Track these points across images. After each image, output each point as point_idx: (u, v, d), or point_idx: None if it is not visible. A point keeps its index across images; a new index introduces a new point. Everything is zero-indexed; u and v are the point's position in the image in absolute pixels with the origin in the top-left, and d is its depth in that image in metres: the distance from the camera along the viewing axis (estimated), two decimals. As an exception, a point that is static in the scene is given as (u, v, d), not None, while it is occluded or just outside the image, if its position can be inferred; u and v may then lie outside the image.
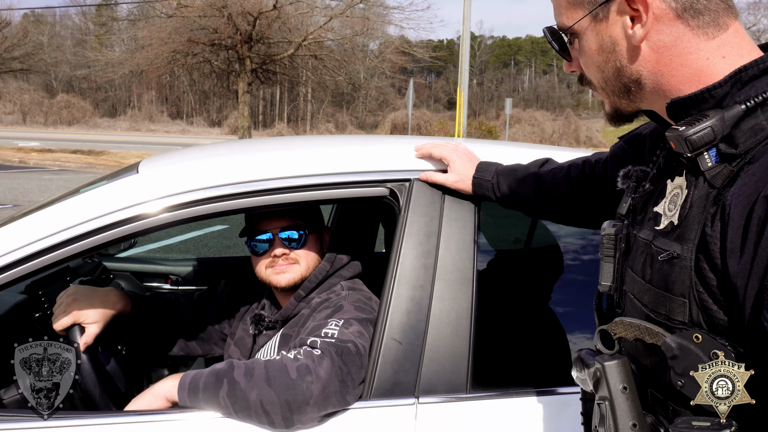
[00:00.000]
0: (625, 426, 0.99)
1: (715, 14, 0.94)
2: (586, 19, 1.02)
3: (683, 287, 0.91)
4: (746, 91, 0.91)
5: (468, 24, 21.38)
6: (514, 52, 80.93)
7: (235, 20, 19.07)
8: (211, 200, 1.64)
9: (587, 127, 46.08)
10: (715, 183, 0.89)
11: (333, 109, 59.04)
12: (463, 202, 1.73)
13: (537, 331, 1.90)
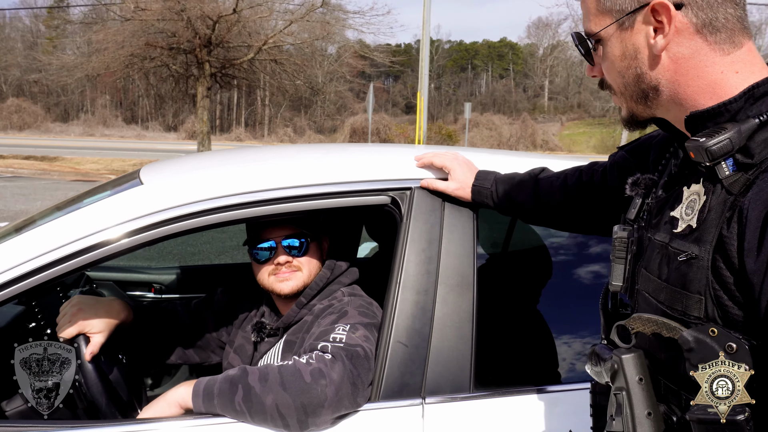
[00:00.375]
0: (641, 414, 1.07)
1: (731, 32, 1.03)
2: (613, 26, 1.10)
3: (700, 285, 0.98)
4: (758, 106, 0.99)
5: (428, 29, 21.56)
6: (471, 56, 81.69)
7: (194, 24, 18.86)
8: (219, 210, 1.67)
9: (543, 131, 46.86)
10: (732, 190, 0.97)
11: (291, 114, 58.84)
12: (462, 210, 1.80)
13: (532, 332, 1.97)
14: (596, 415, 1.32)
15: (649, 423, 1.07)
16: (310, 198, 1.74)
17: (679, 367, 1.03)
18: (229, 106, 59.77)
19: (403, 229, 1.75)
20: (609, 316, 1.31)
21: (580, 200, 1.64)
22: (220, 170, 1.87)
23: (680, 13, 1.03)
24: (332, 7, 21.78)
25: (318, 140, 47.50)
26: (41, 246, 1.57)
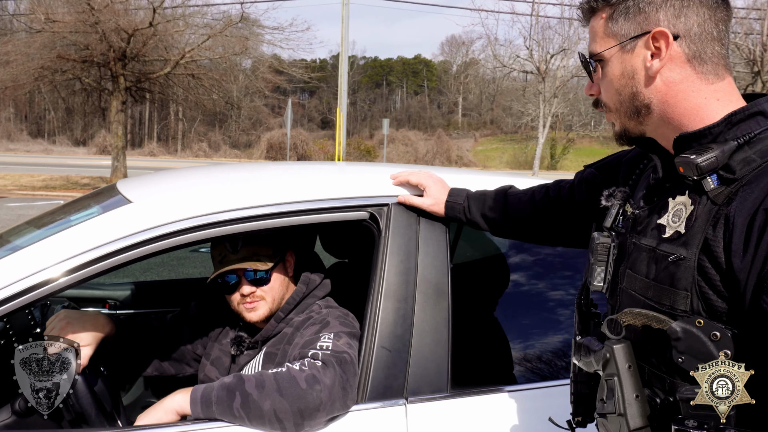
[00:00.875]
0: (630, 397, 1.23)
1: (716, 66, 1.23)
2: (616, 48, 1.28)
3: (687, 282, 1.16)
4: (734, 131, 1.18)
5: (346, 45, 21.81)
6: (386, 72, 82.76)
7: (108, 37, 18.42)
8: (209, 226, 1.76)
9: (458, 147, 47.89)
10: (717, 201, 1.15)
11: (205, 128, 57.92)
12: (436, 224, 1.95)
13: (501, 335, 2.14)
14: (577, 402, 1.49)
15: (637, 404, 1.23)
16: (294, 214, 1.85)
17: (665, 355, 1.20)
18: (140, 120, 58.32)
19: (382, 243, 1.89)
20: (583, 313, 1.49)
21: (548, 214, 1.82)
22: (208, 187, 1.96)
23: (676, 42, 1.21)
24: (251, 22, 21.70)
25: (234, 155, 46.99)
26: (41, 262, 1.62)
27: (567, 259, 2.20)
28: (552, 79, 24.42)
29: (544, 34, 24.79)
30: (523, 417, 1.82)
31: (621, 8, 1.26)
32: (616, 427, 1.26)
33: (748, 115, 1.19)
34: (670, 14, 1.21)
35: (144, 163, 33.48)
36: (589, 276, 1.39)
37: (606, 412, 1.28)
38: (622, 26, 1.26)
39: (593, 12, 1.33)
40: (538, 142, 25.19)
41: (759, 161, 1.13)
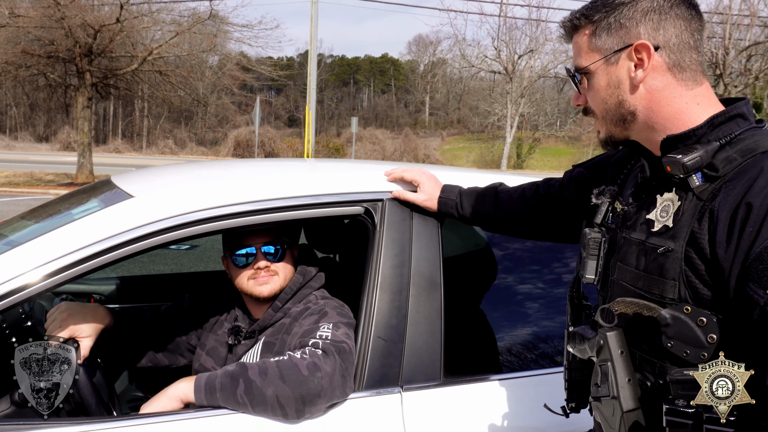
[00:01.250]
0: (623, 381, 1.32)
1: (695, 72, 1.33)
2: (601, 61, 1.37)
3: (674, 273, 1.25)
4: (716, 132, 1.28)
5: (315, 44, 21.80)
6: (353, 71, 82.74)
7: (74, 33, 18.14)
8: (213, 219, 1.81)
9: (425, 146, 48.04)
10: (702, 197, 1.24)
11: (171, 125, 57.31)
12: (429, 219, 2.03)
13: (492, 325, 2.22)
14: (571, 388, 1.57)
15: (629, 387, 1.32)
16: (293, 209, 1.92)
17: (655, 340, 1.29)
18: (105, 116, 57.47)
19: (377, 237, 1.96)
20: (575, 305, 1.58)
21: (537, 211, 1.91)
22: (209, 182, 2.01)
23: (657, 53, 1.31)
24: (220, 19, 21.55)
25: (201, 153, 46.56)
26: (47, 255, 1.66)
27: (555, 252, 2.29)
28: (519, 79, 24.69)
29: (511, 34, 25.08)
30: (513, 404, 1.91)
31: (603, 24, 1.35)
32: (610, 409, 1.35)
33: (728, 118, 1.29)
34: (649, 27, 1.31)
35: (109, 160, 33.03)
36: (581, 269, 1.48)
37: (600, 396, 1.36)
38: (605, 41, 1.35)
39: (576, 29, 1.42)
40: (506, 141, 25.46)
41: (740, 159, 1.22)
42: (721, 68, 19.24)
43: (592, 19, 1.37)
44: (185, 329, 2.29)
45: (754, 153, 1.21)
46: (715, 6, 22.67)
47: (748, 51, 19.74)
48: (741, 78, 19.88)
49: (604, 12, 1.35)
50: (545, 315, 2.23)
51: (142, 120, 57.24)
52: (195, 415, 1.71)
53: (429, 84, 66.17)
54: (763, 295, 1.11)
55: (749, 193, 1.16)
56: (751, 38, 20.61)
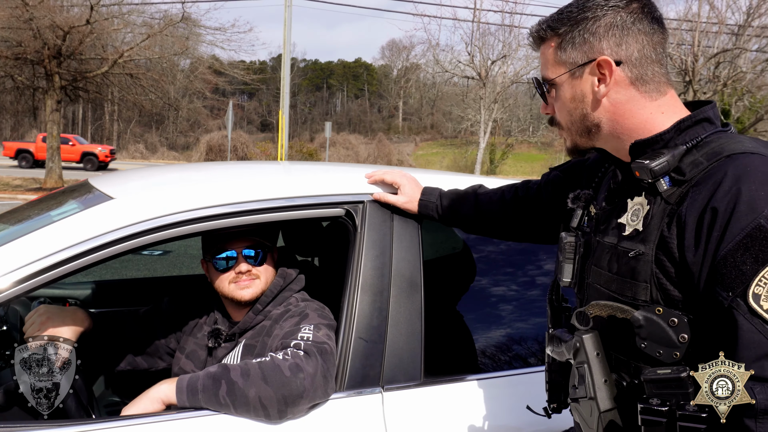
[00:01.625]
0: (599, 381, 1.34)
1: (658, 84, 1.35)
2: (566, 75, 1.39)
3: (646, 275, 1.27)
4: (683, 136, 1.31)
5: (289, 47, 21.76)
6: (326, 75, 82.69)
7: (43, 34, 17.86)
8: (194, 221, 1.80)
9: (398, 151, 48.20)
10: (670, 200, 1.26)
11: (142, 129, 56.79)
12: (409, 221, 2.03)
13: (471, 326, 2.23)
14: (552, 389, 1.59)
15: (606, 388, 1.34)
16: (277, 210, 1.91)
17: (629, 342, 1.30)
18: (74, 120, 56.73)
19: (358, 239, 1.96)
20: (555, 308, 1.60)
21: (516, 212, 1.93)
22: (192, 184, 1.99)
23: (619, 68, 1.33)
24: (192, 22, 21.40)
25: (172, 157, 46.17)
26: (27, 257, 1.63)
27: (530, 255, 2.31)
28: (492, 85, 24.88)
29: (485, 40, 25.27)
30: (493, 403, 1.92)
31: (568, 38, 1.37)
32: (588, 409, 1.37)
33: (695, 122, 1.32)
34: (612, 43, 1.33)
35: (78, 164, 32.59)
36: (558, 273, 1.51)
37: (578, 397, 1.38)
38: (570, 54, 1.38)
39: (543, 40, 1.44)
40: (479, 146, 25.62)
41: (706, 163, 1.24)
42: (690, 75, 19.56)
43: (557, 31, 1.39)
44: (164, 332, 2.27)
45: (719, 156, 1.23)
46: (684, 14, 23.08)
47: (716, 58, 20.09)
48: (710, 85, 20.23)
49: (569, 26, 1.37)
50: (521, 316, 2.25)
51: (112, 124, 56.64)
52: (177, 417, 1.69)
53: (402, 89, 66.42)
54: (727, 297, 1.14)
55: (714, 198, 1.17)
56: (719, 46, 20.99)
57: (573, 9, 1.37)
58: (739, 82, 20.04)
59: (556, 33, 1.39)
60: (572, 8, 1.37)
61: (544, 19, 1.44)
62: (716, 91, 20.02)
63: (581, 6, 1.36)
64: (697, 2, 20.76)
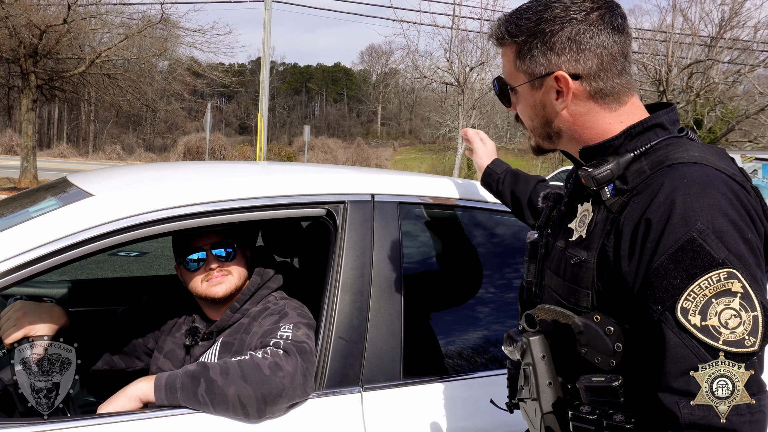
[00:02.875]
0: (543, 384, 1.36)
1: (618, 95, 1.34)
2: (526, 84, 1.39)
3: (587, 282, 1.28)
4: (633, 143, 1.31)
5: (268, 51, 21.67)
6: (305, 79, 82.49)
7: (18, 33, 17.64)
8: (173, 219, 1.80)
9: (377, 155, 48.18)
10: (612, 209, 1.27)
11: (119, 131, 56.21)
12: (390, 222, 2.06)
13: (449, 328, 2.26)
14: (512, 386, 1.61)
15: (549, 390, 1.36)
16: (257, 209, 1.92)
17: (572, 346, 1.31)
18: (49, 120, 56.04)
19: (338, 239, 1.97)
20: (524, 306, 1.61)
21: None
22: (172, 182, 2.00)
23: (577, 82, 1.32)
24: (171, 23, 21.24)
25: (149, 159, 45.73)
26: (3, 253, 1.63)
27: (508, 257, 2.34)
28: (470, 91, 25.00)
29: (463, 47, 25.39)
30: (469, 404, 1.95)
31: (525, 49, 1.35)
32: (533, 410, 1.39)
33: (646, 128, 1.31)
34: (570, 57, 1.31)
35: (54, 164, 32.16)
36: (524, 273, 1.53)
37: (524, 397, 1.40)
38: (528, 65, 1.36)
39: (501, 44, 1.42)
40: (457, 152, 25.72)
41: (648, 172, 1.23)
42: (664, 85, 19.80)
43: (516, 39, 1.36)
44: (142, 332, 2.27)
45: (661, 166, 1.21)
46: (659, 24, 23.38)
47: (689, 69, 20.36)
48: (683, 95, 20.50)
49: (527, 36, 1.34)
50: (499, 318, 2.28)
51: (88, 124, 56.02)
52: (154, 415, 1.70)
53: (381, 94, 66.45)
54: (657, 310, 1.14)
55: (649, 209, 1.17)
56: (692, 57, 21.28)
57: (531, 17, 1.34)
58: (711, 93, 20.32)
59: (514, 41, 1.36)
60: (530, 15, 1.34)
61: (503, 18, 1.41)
62: (689, 101, 20.29)
63: (539, 17, 1.32)
64: (671, 14, 21.04)
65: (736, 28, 20.63)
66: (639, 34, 21.61)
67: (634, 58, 19.91)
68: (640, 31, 22.03)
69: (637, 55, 20.25)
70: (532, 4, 1.36)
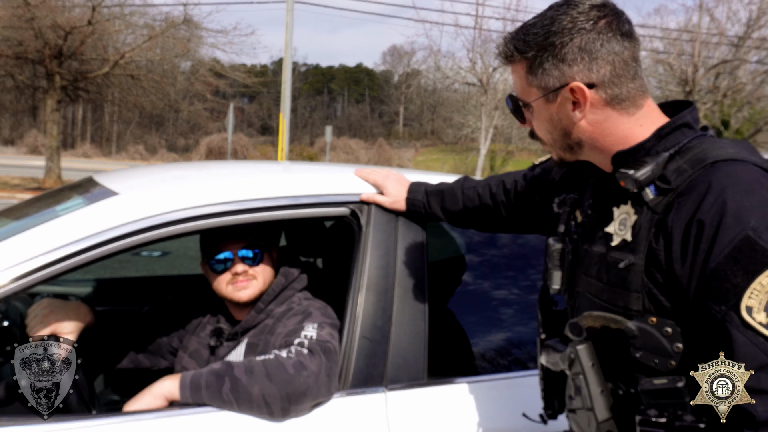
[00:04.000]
0: (596, 392, 1.34)
1: (633, 99, 1.33)
2: (540, 99, 1.37)
3: (637, 285, 1.26)
4: (664, 143, 1.30)
5: (290, 51, 21.76)
6: (327, 80, 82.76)
7: (44, 34, 17.86)
8: (199, 218, 1.80)
9: (399, 156, 48.20)
10: (656, 210, 1.26)
11: (142, 131, 56.71)
12: (414, 222, 2.04)
13: (474, 328, 2.23)
14: (547, 397, 1.59)
15: (602, 398, 1.34)
16: (281, 209, 1.91)
17: (624, 352, 1.29)
18: (73, 121, 56.68)
19: (363, 238, 1.96)
20: (546, 313, 1.60)
21: (501, 205, 1.93)
22: (196, 181, 2.00)
23: (593, 91, 1.31)
24: (194, 24, 21.40)
25: (172, 159, 46.12)
26: (30, 252, 1.63)
27: (532, 258, 2.31)
28: (493, 91, 24.92)
29: (486, 47, 25.30)
30: (495, 405, 1.92)
31: (536, 63, 1.34)
32: (586, 420, 1.37)
33: (674, 128, 1.31)
34: (582, 67, 1.30)
35: (78, 165, 32.55)
36: (548, 279, 1.51)
37: (575, 408, 1.38)
38: (541, 80, 1.35)
39: (510, 62, 1.41)
40: (480, 153, 25.64)
41: (690, 171, 1.23)
42: (690, 85, 19.61)
43: (525, 55, 1.35)
44: (167, 331, 2.27)
45: (703, 164, 1.22)
46: (685, 24, 23.14)
47: (716, 69, 20.16)
48: (709, 95, 20.29)
49: (536, 50, 1.33)
50: (523, 320, 2.25)
51: (111, 125, 56.57)
52: (179, 414, 1.69)
53: (403, 95, 66.43)
54: (720, 311, 1.13)
55: (700, 210, 1.17)
56: (719, 57, 21.06)
57: (539, 31, 1.33)
58: (738, 93, 20.11)
59: (524, 56, 1.35)
60: (537, 30, 1.33)
61: (510, 36, 1.40)
62: (716, 101, 20.08)
63: (547, 30, 1.31)
64: (698, 13, 20.82)
65: (765, 28, 20.36)
66: (665, 34, 21.42)
67: (660, 58, 19.71)
68: (665, 30, 21.82)
69: (662, 55, 20.06)
70: (537, 19, 1.35)
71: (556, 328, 1.57)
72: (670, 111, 1.38)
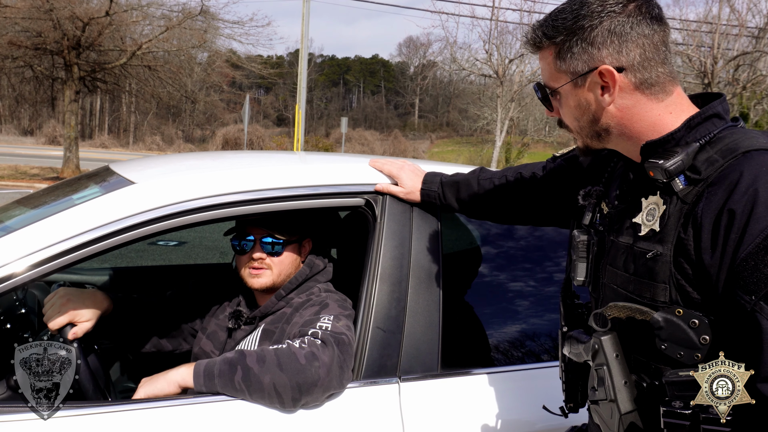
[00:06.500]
0: (619, 384, 1.33)
1: (663, 85, 1.32)
2: (568, 84, 1.36)
3: (665, 276, 1.25)
4: (694, 133, 1.29)
5: (306, 42, 21.75)
6: (343, 71, 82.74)
7: (62, 25, 17.98)
8: (214, 207, 1.81)
9: (414, 148, 48.15)
10: (686, 200, 1.24)
11: (158, 122, 56.99)
12: (429, 212, 2.03)
13: (488, 320, 2.23)
14: (568, 389, 1.58)
15: (626, 390, 1.32)
16: (297, 198, 1.91)
17: (649, 343, 1.29)
18: (91, 111, 57.04)
19: (377, 229, 1.96)
20: (568, 305, 1.59)
21: (517, 197, 1.92)
22: (212, 171, 2.00)
23: (622, 75, 1.30)
24: (210, 15, 21.45)
25: (189, 150, 46.35)
26: (48, 239, 1.64)
27: (548, 251, 2.30)
28: (509, 83, 24.79)
29: (502, 38, 25.19)
30: (509, 397, 1.91)
31: (566, 48, 1.33)
32: (608, 412, 1.35)
33: (704, 118, 1.29)
34: (612, 50, 1.29)
35: (96, 155, 32.78)
36: (572, 271, 1.50)
37: (598, 399, 1.37)
38: (570, 64, 1.34)
39: (539, 49, 1.40)
40: (495, 145, 25.55)
41: (721, 161, 1.22)
42: (709, 77, 19.41)
43: (554, 40, 1.34)
44: (189, 315, 2.31)
45: (734, 154, 1.21)
46: (704, 15, 22.88)
47: (736, 61, 19.93)
48: (729, 87, 20.07)
49: (565, 35, 1.32)
50: (537, 312, 2.24)
51: (129, 115, 56.88)
52: (192, 402, 1.70)
53: (419, 86, 66.28)
54: (750, 301, 1.12)
55: (731, 200, 1.16)
56: (739, 48, 20.81)
57: (567, 16, 1.32)
58: (758, 86, 19.88)
59: (552, 42, 1.35)
60: (566, 15, 1.32)
61: (538, 23, 1.39)
62: (735, 93, 19.86)
63: (576, 14, 1.31)
64: (718, 4, 20.58)
65: (785, 19, 20.08)
66: (684, 25, 21.19)
67: (678, 50, 19.52)
68: (684, 22, 21.58)
69: (681, 46, 19.86)
70: (566, 5, 1.34)
71: (578, 321, 1.56)
72: (699, 103, 1.37)
